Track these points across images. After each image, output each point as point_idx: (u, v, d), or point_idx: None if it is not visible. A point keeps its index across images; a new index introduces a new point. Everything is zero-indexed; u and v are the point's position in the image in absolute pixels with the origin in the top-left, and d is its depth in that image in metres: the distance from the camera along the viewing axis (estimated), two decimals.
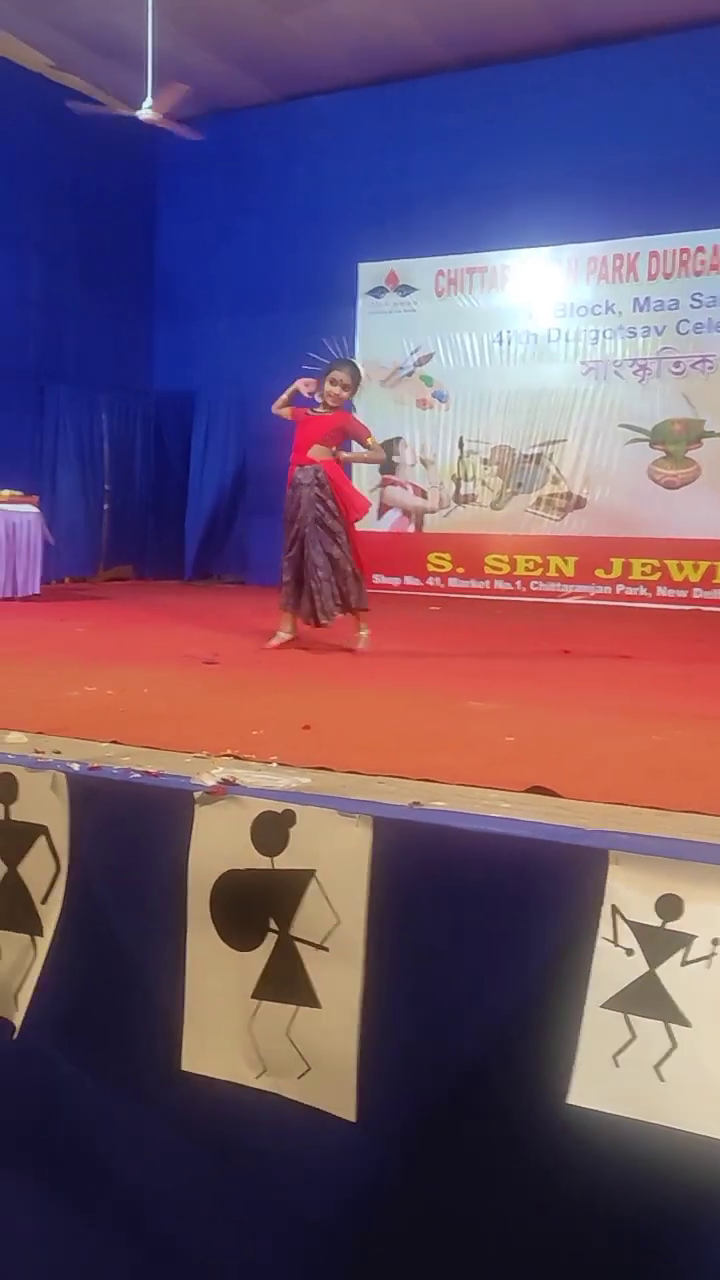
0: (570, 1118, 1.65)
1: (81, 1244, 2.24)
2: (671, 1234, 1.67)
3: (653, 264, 9.45)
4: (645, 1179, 1.64)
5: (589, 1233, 1.74)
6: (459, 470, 10.35)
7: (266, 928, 1.98)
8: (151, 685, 3.91)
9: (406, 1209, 1.90)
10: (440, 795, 2.12)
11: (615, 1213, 1.70)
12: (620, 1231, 1.72)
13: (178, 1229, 2.13)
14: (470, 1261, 1.87)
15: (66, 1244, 2.25)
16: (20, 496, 8.62)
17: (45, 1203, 2.27)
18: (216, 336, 11.11)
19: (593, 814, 2.01)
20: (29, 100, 10.01)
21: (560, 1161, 1.72)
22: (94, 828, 2.21)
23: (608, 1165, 1.66)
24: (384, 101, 10.35)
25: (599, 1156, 1.66)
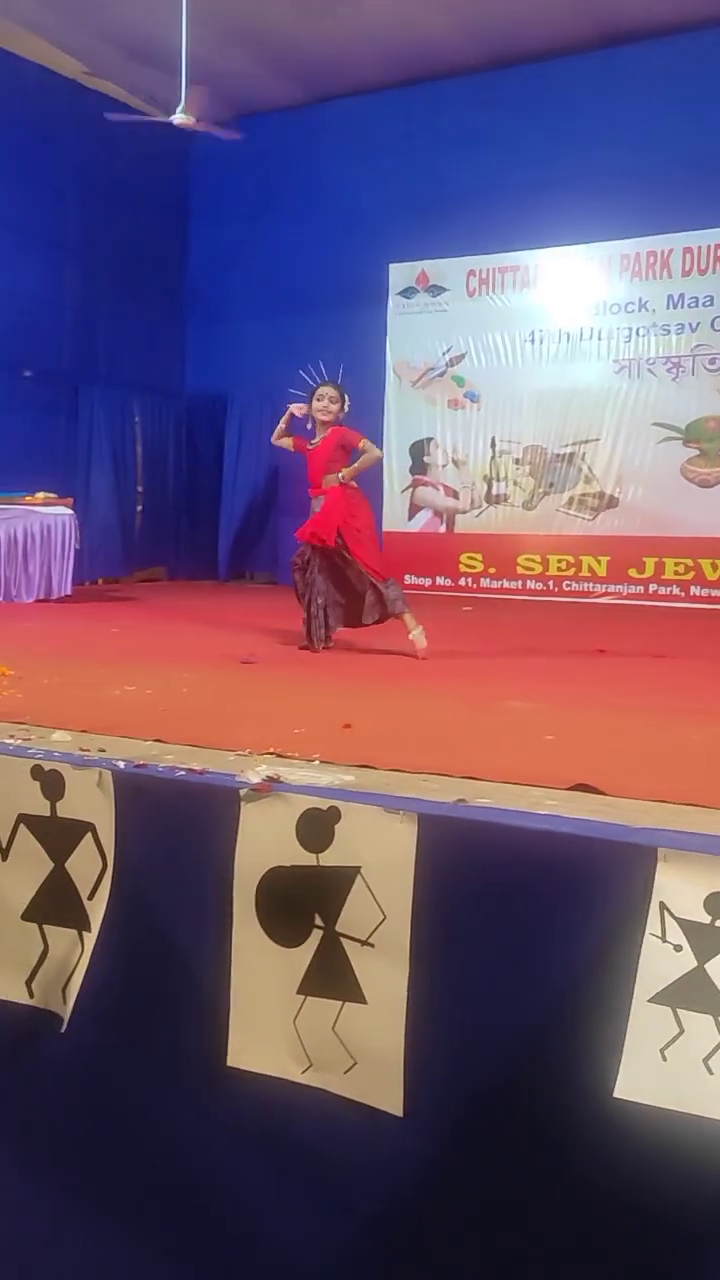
0: (617, 1111, 1.65)
1: (128, 1237, 2.26)
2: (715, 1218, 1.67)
3: (686, 260, 9.40)
4: (693, 1172, 1.64)
5: (637, 1225, 1.74)
6: (491, 470, 10.33)
7: (312, 924, 2.00)
8: (190, 685, 3.94)
9: (454, 1202, 1.91)
10: (484, 793, 2.13)
11: (663, 1206, 1.70)
12: (668, 1224, 1.72)
13: (225, 1222, 2.15)
14: (518, 1255, 1.88)
15: (113, 1236, 2.28)
16: (55, 499, 8.69)
17: (92, 1195, 2.30)
18: (248, 337, 11.15)
19: (638, 811, 2.01)
20: (63, 106, 10.10)
21: (607, 1155, 1.72)
22: (140, 825, 2.23)
23: (655, 1159, 1.66)
24: (415, 102, 10.36)
25: (646, 1150, 1.66)
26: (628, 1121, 1.65)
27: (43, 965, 2.29)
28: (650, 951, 1.67)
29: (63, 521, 8.43)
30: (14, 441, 9.55)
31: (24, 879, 2.32)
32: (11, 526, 8.23)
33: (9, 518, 8.27)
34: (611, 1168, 1.71)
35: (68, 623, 6.82)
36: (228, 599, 9.23)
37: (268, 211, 11.14)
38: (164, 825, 2.22)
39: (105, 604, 8.47)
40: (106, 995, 2.24)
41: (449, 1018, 1.88)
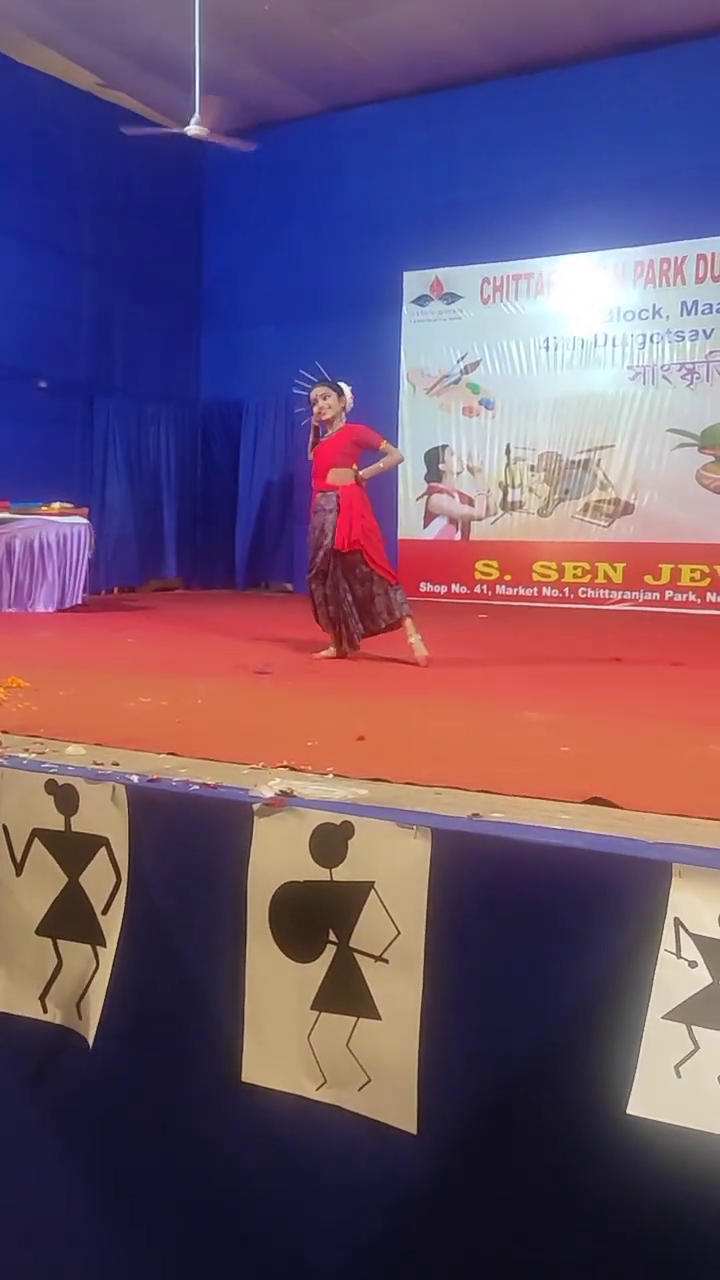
0: (630, 1128, 1.64)
1: (147, 1250, 2.25)
2: None
3: (700, 267, 9.38)
4: (706, 1190, 1.63)
5: (650, 1243, 1.73)
6: (506, 477, 10.32)
7: (326, 939, 1.99)
8: (205, 696, 3.94)
9: (467, 1220, 1.90)
10: (499, 807, 2.12)
11: (677, 1224, 1.69)
12: (682, 1242, 1.71)
13: (241, 1237, 2.14)
14: (531, 1272, 1.86)
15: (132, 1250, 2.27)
16: (71, 508, 8.73)
17: (106, 1210, 2.29)
18: (263, 346, 11.18)
19: (654, 826, 2.00)
20: (78, 118, 10.16)
21: (620, 1172, 1.70)
22: (154, 839, 2.23)
23: (669, 1177, 1.65)
24: (429, 110, 10.38)
25: (660, 1168, 1.65)
26: (642, 1139, 1.64)
27: (57, 980, 2.29)
28: (665, 968, 1.65)
29: (78, 531, 8.46)
30: (30, 452, 9.60)
31: (38, 893, 2.33)
32: (28, 536, 8.27)
33: (25, 527, 8.31)
34: (625, 1185, 1.70)
35: (83, 633, 6.84)
36: (243, 608, 9.24)
37: (282, 220, 11.17)
38: (178, 840, 2.22)
39: (121, 614, 8.49)
40: (120, 1009, 2.24)
41: (463, 1034, 1.87)
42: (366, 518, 5.41)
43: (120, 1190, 2.27)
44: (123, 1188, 2.28)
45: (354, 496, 5.35)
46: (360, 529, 5.30)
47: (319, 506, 5.43)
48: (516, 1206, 1.85)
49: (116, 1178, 2.28)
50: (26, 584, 8.26)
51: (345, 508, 5.32)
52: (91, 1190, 2.30)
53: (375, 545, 5.40)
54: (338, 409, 5.47)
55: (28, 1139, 2.38)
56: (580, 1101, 1.72)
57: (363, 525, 5.33)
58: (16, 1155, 2.40)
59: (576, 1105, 1.73)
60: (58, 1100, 2.35)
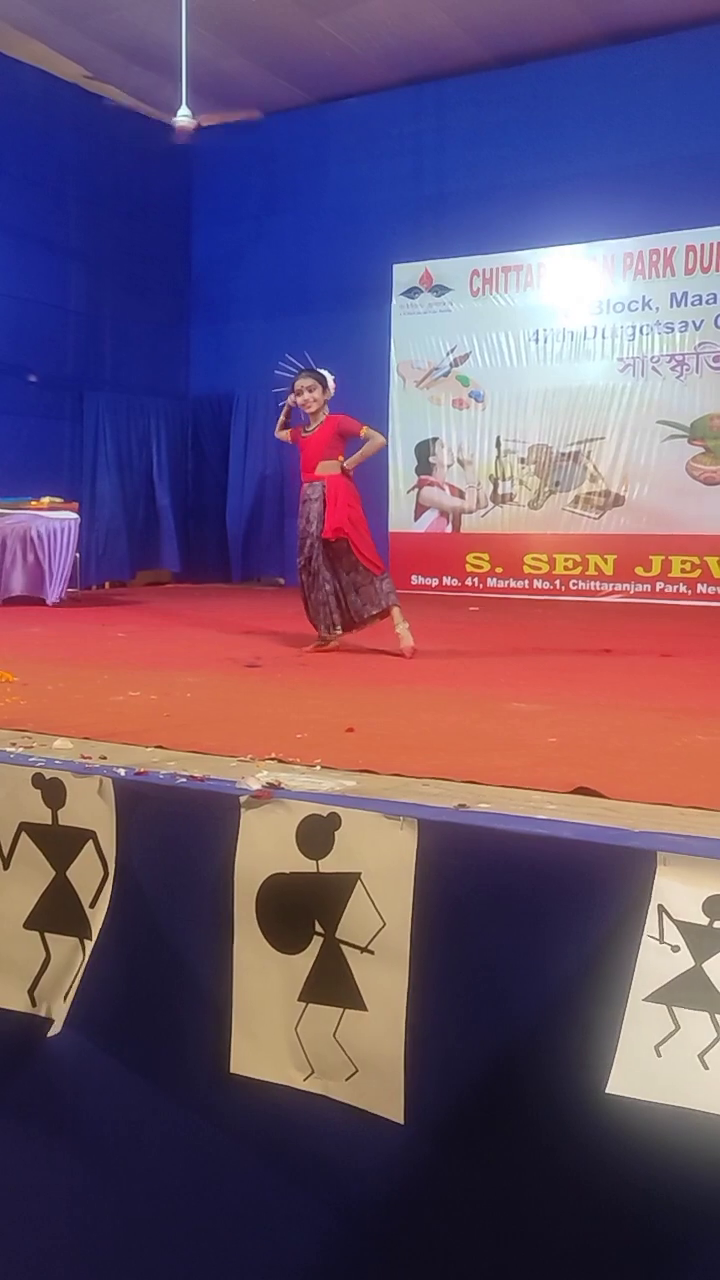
0: (614, 1109, 1.65)
1: (130, 1243, 2.26)
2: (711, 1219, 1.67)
3: (689, 258, 9.39)
4: (687, 1166, 1.64)
5: (635, 1222, 1.74)
6: (496, 470, 10.33)
7: (312, 931, 1.99)
8: (194, 689, 3.94)
9: (455, 1206, 1.91)
10: (485, 797, 2.12)
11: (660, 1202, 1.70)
12: (666, 1219, 1.72)
13: (228, 1226, 2.15)
14: (518, 1255, 1.87)
15: (114, 1242, 2.28)
16: (60, 503, 8.72)
17: (94, 1203, 2.30)
18: (253, 339, 11.16)
19: (639, 815, 2.01)
20: (65, 110, 10.13)
21: (606, 1155, 1.71)
22: (141, 832, 2.23)
23: (650, 1155, 1.66)
24: (418, 102, 10.37)
25: (642, 1147, 1.66)
26: (625, 1119, 1.65)
27: (44, 974, 2.29)
28: (648, 953, 1.66)
29: (68, 525, 8.45)
30: (19, 446, 9.59)
31: (26, 887, 2.32)
32: (17, 530, 8.25)
33: (14, 522, 8.29)
34: (610, 1166, 1.71)
35: (73, 627, 6.83)
36: (234, 602, 9.24)
37: (271, 213, 11.16)
38: (165, 832, 2.22)
39: (111, 608, 8.48)
40: (108, 1002, 2.24)
41: (449, 1023, 1.88)
42: (354, 507, 5.41)
43: (109, 1182, 2.28)
44: (112, 1180, 2.28)
45: (340, 486, 5.36)
46: (346, 518, 5.31)
47: (306, 496, 5.46)
48: (504, 1192, 1.86)
49: (105, 1170, 2.29)
50: (16, 578, 8.24)
51: (331, 498, 5.33)
52: (79, 1183, 2.31)
53: (362, 535, 5.41)
54: (321, 401, 5.47)
55: (12, 1133, 2.38)
56: (566, 1086, 1.73)
57: (349, 514, 5.34)
58: (1, 1149, 2.40)
59: (562, 1091, 1.74)
60: (45, 1093, 2.35)
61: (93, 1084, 2.29)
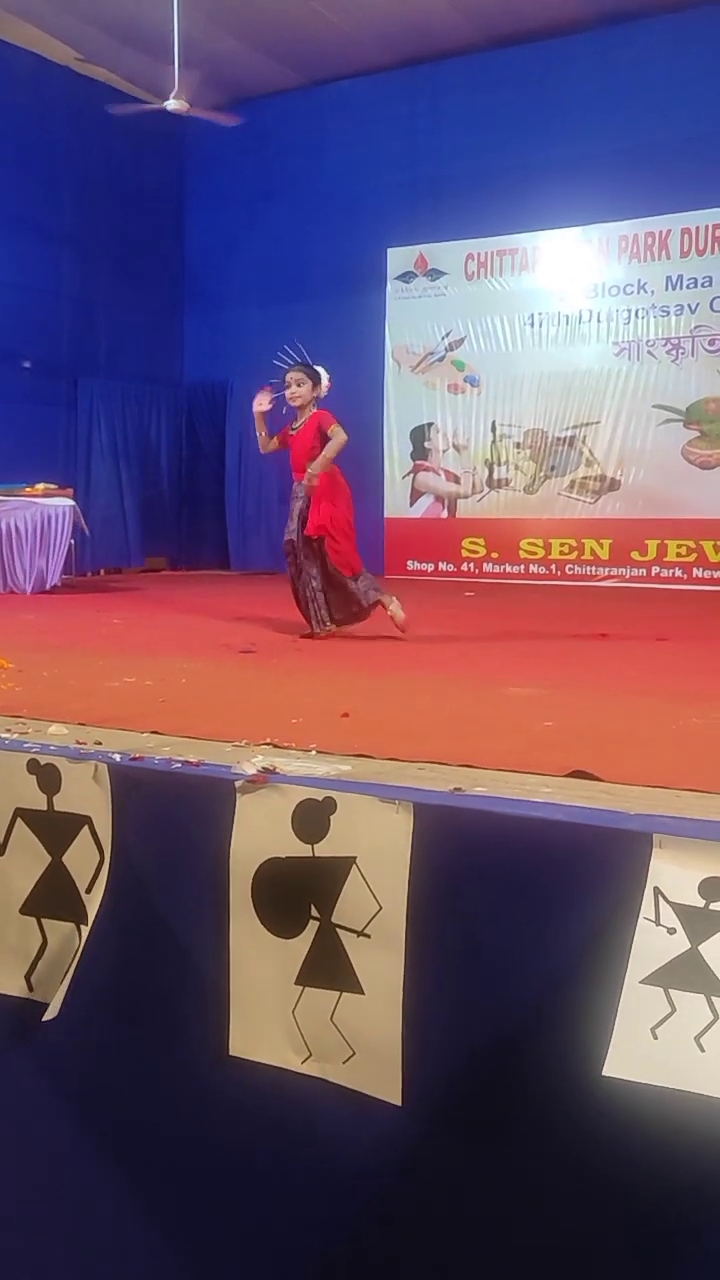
0: (611, 1092, 1.65)
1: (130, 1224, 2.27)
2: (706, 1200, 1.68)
3: (685, 241, 9.36)
4: (683, 1147, 1.65)
5: (632, 1204, 1.75)
6: (492, 455, 10.31)
7: (308, 915, 1.99)
8: (189, 675, 3.94)
9: (452, 1188, 1.92)
10: (481, 781, 2.12)
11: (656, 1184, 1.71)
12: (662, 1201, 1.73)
13: (226, 1208, 2.16)
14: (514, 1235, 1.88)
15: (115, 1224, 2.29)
16: (55, 490, 8.69)
17: (95, 1186, 2.31)
18: (247, 325, 11.12)
19: (635, 798, 2.01)
20: (57, 94, 10.07)
21: (603, 1136, 1.72)
22: (136, 817, 2.23)
23: (647, 1137, 1.67)
24: (411, 84, 10.31)
25: (639, 1129, 1.67)
26: (623, 1103, 1.66)
27: (41, 959, 2.30)
28: (644, 935, 1.67)
29: (63, 512, 8.43)
30: (14, 433, 9.55)
31: (22, 873, 2.33)
32: (12, 518, 8.23)
33: (9, 509, 8.26)
34: (607, 1148, 1.72)
35: (69, 614, 6.82)
36: (229, 589, 9.23)
37: (264, 197, 11.10)
38: (160, 817, 2.22)
39: (106, 595, 8.47)
40: (106, 986, 2.24)
41: (445, 1006, 1.88)
42: (337, 506, 5.36)
43: (109, 1164, 2.28)
44: (112, 1162, 2.28)
45: (323, 485, 5.31)
46: (328, 517, 5.27)
47: (294, 494, 5.45)
48: (500, 1173, 1.86)
49: (105, 1153, 2.29)
50: (11, 566, 8.22)
51: (316, 497, 5.30)
52: (80, 1166, 2.31)
53: (339, 536, 5.34)
54: (309, 398, 5.39)
55: (12, 1116, 2.39)
56: (562, 1069, 1.74)
57: (331, 513, 5.29)
58: (2, 1132, 2.41)
59: (558, 1073, 1.74)
60: (44, 1077, 2.35)
61: (91, 1069, 2.30)
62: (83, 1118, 2.31)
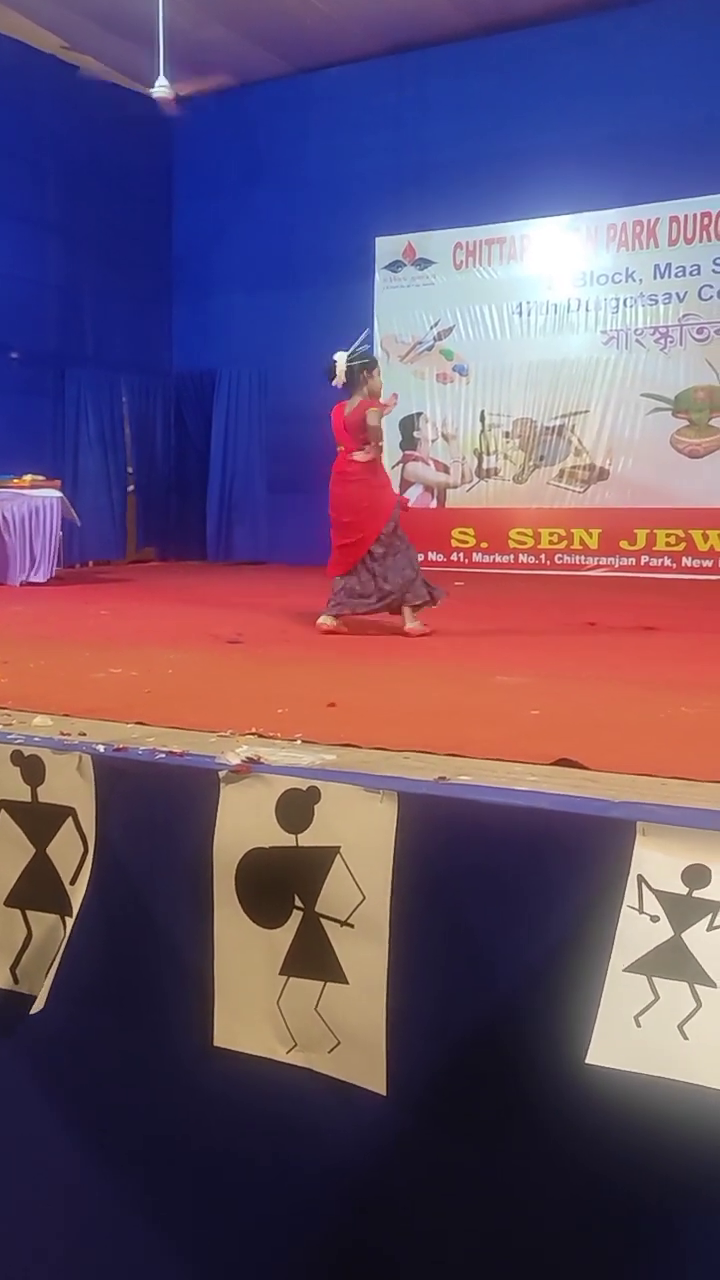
0: (594, 1080, 1.65)
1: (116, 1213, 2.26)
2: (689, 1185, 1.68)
3: (673, 229, 9.33)
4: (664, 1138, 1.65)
5: (615, 1190, 1.75)
6: (481, 444, 10.29)
7: (292, 905, 1.99)
8: (176, 666, 3.93)
9: (435, 1175, 1.92)
10: (465, 769, 2.12)
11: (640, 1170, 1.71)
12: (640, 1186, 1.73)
13: (212, 1199, 2.15)
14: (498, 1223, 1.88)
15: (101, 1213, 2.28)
16: (43, 480, 8.65)
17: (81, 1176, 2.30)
18: (235, 314, 11.08)
19: (619, 786, 2.00)
20: (43, 82, 9.98)
21: (586, 1124, 1.72)
22: (120, 808, 2.22)
23: (630, 1125, 1.67)
24: (399, 71, 10.24)
25: (622, 1117, 1.67)
26: (606, 1090, 1.66)
27: (26, 950, 2.29)
28: (627, 923, 1.66)
29: (51, 503, 8.39)
30: (0, 424, 9.49)
31: (6, 865, 2.32)
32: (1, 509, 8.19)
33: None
34: (590, 1136, 1.72)
35: (56, 606, 6.79)
36: (217, 579, 9.20)
37: (252, 186, 11.03)
38: (145, 808, 2.21)
39: (95, 586, 8.44)
40: (92, 978, 2.23)
41: (429, 995, 1.88)
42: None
43: (96, 1155, 2.28)
44: (97, 1153, 2.28)
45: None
46: None
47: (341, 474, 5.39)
48: (484, 1161, 1.86)
49: (91, 1144, 2.29)
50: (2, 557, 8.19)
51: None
52: (66, 1158, 2.31)
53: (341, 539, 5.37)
54: (338, 385, 5.34)
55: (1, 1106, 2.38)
56: (546, 1057, 1.74)
57: None
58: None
59: (542, 1061, 1.74)
60: (29, 1069, 2.34)
61: (76, 1060, 2.29)
62: (68, 1109, 2.31)
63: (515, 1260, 1.88)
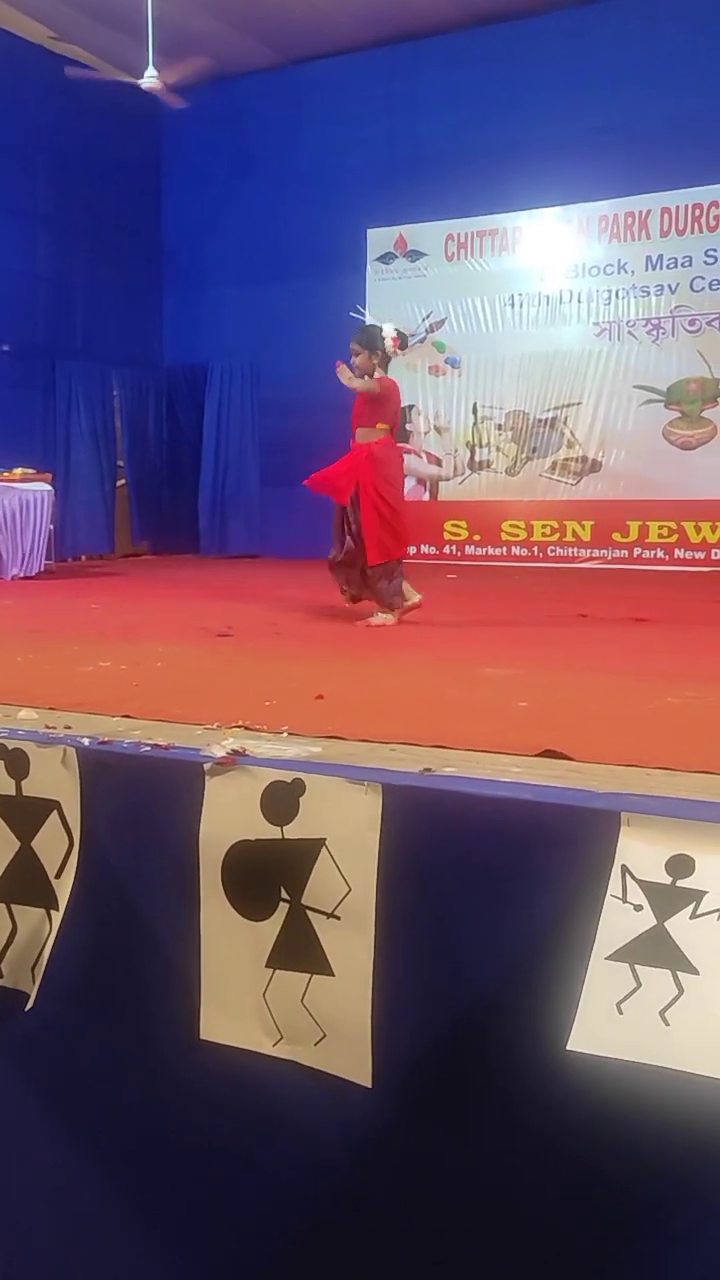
0: (578, 1069, 1.65)
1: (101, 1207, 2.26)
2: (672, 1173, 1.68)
3: (665, 221, 9.32)
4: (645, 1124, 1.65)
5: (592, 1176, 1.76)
6: (473, 437, 10.28)
7: (278, 897, 1.98)
8: (165, 659, 3.91)
9: (420, 1165, 1.92)
10: (451, 761, 2.11)
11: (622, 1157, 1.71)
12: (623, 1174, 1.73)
13: (198, 1193, 2.15)
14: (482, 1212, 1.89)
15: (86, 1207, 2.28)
16: (33, 474, 8.62)
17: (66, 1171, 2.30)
18: (226, 306, 11.05)
19: (604, 776, 2.00)
20: (31, 73, 9.93)
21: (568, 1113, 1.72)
22: (106, 801, 2.21)
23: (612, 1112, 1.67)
24: (390, 62, 10.21)
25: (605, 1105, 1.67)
26: (589, 1078, 1.66)
27: (11, 945, 2.28)
28: (610, 912, 1.66)
29: (41, 497, 8.36)
30: None
31: None
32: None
33: None
34: (572, 1125, 1.72)
35: (46, 599, 6.78)
36: (209, 572, 9.19)
37: (242, 177, 11.00)
38: (130, 801, 2.20)
39: (86, 579, 8.42)
40: (77, 972, 2.23)
41: (415, 988, 1.87)
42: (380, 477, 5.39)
43: (80, 1149, 2.28)
44: (83, 1147, 2.28)
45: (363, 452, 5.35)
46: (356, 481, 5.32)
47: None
48: (469, 1150, 1.87)
49: (76, 1138, 2.28)
50: None
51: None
52: (52, 1151, 2.30)
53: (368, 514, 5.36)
54: (364, 368, 5.30)
55: None
56: (529, 1048, 1.74)
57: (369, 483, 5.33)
58: None
59: (525, 1052, 1.74)
60: (13, 1062, 2.34)
61: (62, 1053, 2.29)
62: (53, 1103, 2.30)
63: (502, 1250, 1.88)
